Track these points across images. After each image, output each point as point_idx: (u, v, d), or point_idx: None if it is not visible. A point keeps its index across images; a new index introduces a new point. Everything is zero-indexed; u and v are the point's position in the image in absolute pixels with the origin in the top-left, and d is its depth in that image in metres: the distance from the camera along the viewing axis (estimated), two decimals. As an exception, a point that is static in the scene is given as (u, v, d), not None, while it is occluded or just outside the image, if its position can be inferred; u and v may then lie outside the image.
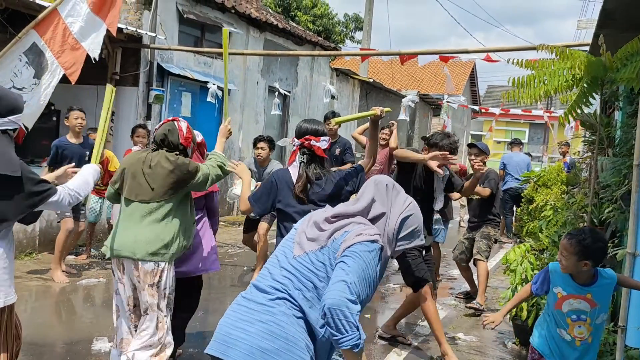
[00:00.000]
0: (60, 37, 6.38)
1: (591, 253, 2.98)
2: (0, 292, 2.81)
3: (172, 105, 9.43)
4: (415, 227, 2.30)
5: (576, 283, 3.11)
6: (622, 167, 4.33)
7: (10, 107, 2.81)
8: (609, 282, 3.12)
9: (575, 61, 3.54)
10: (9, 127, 2.81)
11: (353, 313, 1.99)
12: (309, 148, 3.48)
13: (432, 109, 26.47)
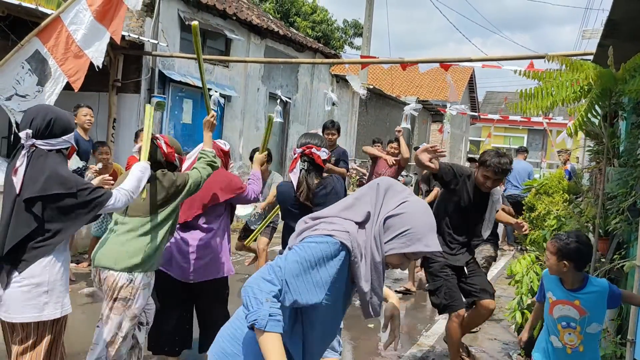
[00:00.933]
0: (63, 45, 6.37)
1: (569, 253, 3.05)
2: (58, 303, 2.90)
3: (173, 112, 9.41)
4: (404, 230, 1.95)
5: (565, 288, 3.16)
6: (629, 178, 4.32)
7: (63, 128, 2.93)
8: (599, 291, 3.11)
9: (587, 72, 3.53)
10: (63, 147, 2.94)
11: (263, 290, 1.83)
12: (309, 156, 3.57)
13: (431, 115, 26.51)
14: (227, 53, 10.74)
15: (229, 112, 10.71)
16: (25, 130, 2.83)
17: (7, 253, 2.80)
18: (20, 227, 2.79)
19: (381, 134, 19.76)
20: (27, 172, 2.80)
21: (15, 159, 2.86)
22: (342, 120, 15.92)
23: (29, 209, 2.78)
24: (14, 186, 2.81)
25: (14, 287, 2.81)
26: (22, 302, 2.81)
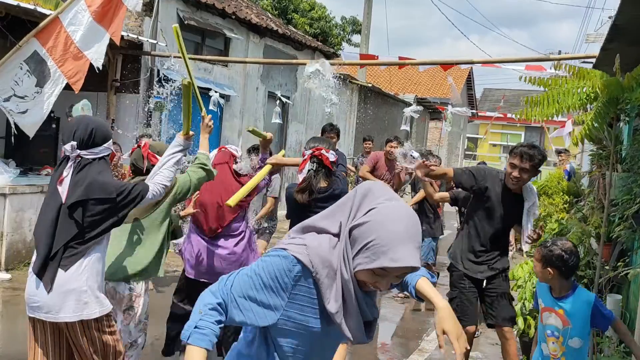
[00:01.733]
0: (62, 46, 6.31)
1: (552, 260, 3.05)
2: (97, 302, 3.00)
3: (172, 112, 9.35)
4: (368, 242, 1.62)
5: (552, 295, 3.16)
6: (634, 185, 4.30)
7: (104, 136, 3.04)
8: (584, 302, 3.08)
9: (594, 81, 3.50)
10: (105, 154, 3.06)
11: (203, 302, 1.72)
12: (318, 157, 3.73)
13: (429, 112, 26.47)
14: (226, 52, 10.68)
15: (228, 112, 10.66)
16: (70, 143, 2.94)
17: (53, 255, 2.93)
18: (65, 232, 2.92)
19: (379, 132, 19.72)
20: (72, 181, 2.94)
21: (61, 169, 2.98)
22: (340, 118, 15.89)
23: (72, 214, 2.92)
24: (60, 195, 2.94)
25: (57, 288, 2.92)
26: (65, 302, 2.92)
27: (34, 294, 2.95)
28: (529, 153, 3.84)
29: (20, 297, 5.93)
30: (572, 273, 3.11)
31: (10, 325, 5.17)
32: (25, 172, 7.82)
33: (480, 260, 4.19)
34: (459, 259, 4.25)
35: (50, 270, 2.93)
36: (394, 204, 1.67)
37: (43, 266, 2.94)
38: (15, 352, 4.55)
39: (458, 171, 4.20)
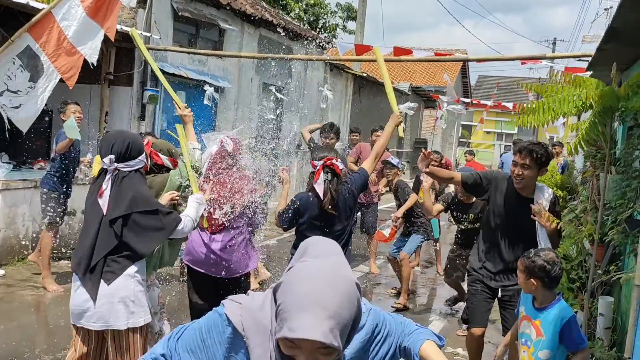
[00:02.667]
0: (54, 41, 6.25)
1: (534, 271, 3.06)
2: (140, 312, 3.16)
3: (166, 105, 9.31)
4: (278, 307, 1.34)
5: (533, 306, 3.18)
6: (627, 189, 4.31)
7: (139, 149, 3.19)
8: (559, 317, 3.06)
9: (588, 91, 3.50)
10: (140, 166, 3.21)
11: (150, 351, 1.65)
12: (330, 167, 3.97)
13: (424, 100, 26.45)
14: (220, 43, 10.61)
15: (222, 104, 10.61)
16: (108, 156, 3.08)
17: (93, 267, 3.07)
18: (106, 244, 3.07)
19: (374, 121, 19.69)
20: (112, 194, 3.07)
21: (99, 182, 3.12)
22: (335, 108, 15.86)
23: (114, 227, 3.06)
24: (100, 208, 3.07)
25: (107, 297, 3.07)
26: (115, 311, 3.08)
27: (83, 304, 3.09)
28: (529, 148, 3.72)
29: (15, 294, 5.93)
30: (556, 283, 3.13)
31: (6, 322, 5.16)
32: (18, 165, 7.77)
33: (496, 270, 4.06)
34: (475, 264, 4.21)
35: (94, 281, 3.07)
36: (315, 263, 1.36)
37: (88, 278, 3.09)
38: (11, 349, 4.55)
39: (465, 175, 4.14)
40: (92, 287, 3.06)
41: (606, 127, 4.34)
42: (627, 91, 3.56)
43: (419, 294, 7.39)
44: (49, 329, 5.31)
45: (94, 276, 3.07)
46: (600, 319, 4.60)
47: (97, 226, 3.08)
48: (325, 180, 3.95)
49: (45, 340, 4.97)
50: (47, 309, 5.76)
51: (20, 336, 4.90)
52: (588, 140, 3.68)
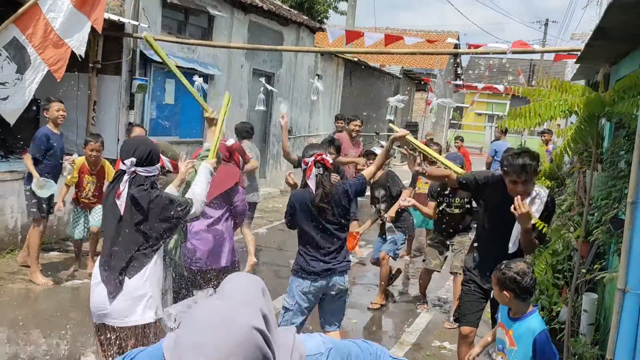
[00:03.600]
0: (41, 33, 6.20)
1: (506, 283, 3.10)
2: (154, 308, 3.28)
3: (155, 93, 9.25)
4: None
5: (508, 315, 3.22)
6: (612, 189, 4.36)
7: (157, 157, 3.39)
8: (530, 330, 3.08)
9: (574, 97, 3.53)
10: (155, 173, 3.37)
11: None
12: (321, 162, 4.09)
13: (415, 84, 26.40)
14: (209, 30, 10.52)
15: (212, 91, 10.55)
16: (130, 159, 3.22)
17: (115, 265, 3.20)
18: (126, 243, 3.21)
19: (365, 106, 19.66)
20: (128, 195, 3.21)
21: (118, 183, 3.25)
22: (325, 93, 15.80)
23: (135, 228, 3.21)
24: (118, 208, 3.22)
25: (125, 295, 3.19)
26: (133, 307, 3.20)
27: (101, 302, 3.21)
28: (520, 165, 3.69)
29: (4, 287, 5.93)
30: (528, 294, 3.14)
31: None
32: (6, 156, 7.73)
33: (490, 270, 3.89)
34: (469, 264, 4.28)
35: (115, 279, 3.20)
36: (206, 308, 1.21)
37: (108, 276, 3.22)
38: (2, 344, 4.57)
39: (461, 176, 4.18)
40: (114, 285, 3.19)
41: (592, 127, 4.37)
42: (613, 96, 3.58)
43: (408, 285, 7.46)
44: (39, 322, 5.31)
45: (115, 274, 3.20)
46: (584, 315, 4.68)
47: (116, 226, 3.23)
48: (317, 175, 4.07)
49: (37, 333, 4.99)
50: (37, 302, 5.77)
51: (11, 330, 4.92)
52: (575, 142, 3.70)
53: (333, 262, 4.14)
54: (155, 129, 9.34)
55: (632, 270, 3.50)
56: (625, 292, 3.51)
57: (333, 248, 4.15)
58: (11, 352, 4.57)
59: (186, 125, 10.06)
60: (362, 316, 6.19)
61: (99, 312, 3.26)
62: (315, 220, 4.10)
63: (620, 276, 3.52)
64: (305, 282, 4.13)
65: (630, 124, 3.58)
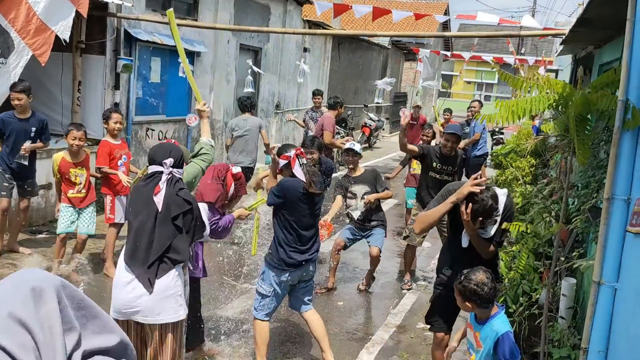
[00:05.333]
0: (23, 17, 6.14)
1: (466, 295, 3.13)
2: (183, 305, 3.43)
3: (141, 72, 9.18)
4: None
5: (475, 318, 3.28)
6: (591, 179, 4.45)
7: (184, 160, 3.61)
8: (493, 332, 3.12)
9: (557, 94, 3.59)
10: (181, 175, 3.55)
11: None
12: (301, 156, 4.36)
13: (404, 54, 26.27)
14: (195, 6, 10.38)
15: (199, 68, 10.47)
16: (169, 159, 3.42)
17: (152, 263, 3.28)
18: (165, 239, 3.31)
19: (354, 78, 19.59)
20: (167, 194, 3.36)
21: (155, 181, 3.40)
22: (314, 67, 15.72)
23: (172, 224, 3.33)
24: (155, 204, 3.34)
25: (158, 293, 3.28)
26: (165, 305, 3.30)
27: (134, 299, 3.27)
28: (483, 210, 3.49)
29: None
30: (490, 302, 3.15)
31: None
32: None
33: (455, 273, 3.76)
34: (442, 266, 4.11)
35: (149, 276, 3.27)
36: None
37: (140, 274, 3.28)
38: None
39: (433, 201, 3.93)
40: (149, 282, 3.27)
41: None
42: (592, 94, 3.63)
43: (392, 266, 7.56)
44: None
45: (150, 271, 3.27)
46: (562, 299, 4.81)
47: (153, 223, 3.32)
48: (304, 166, 4.28)
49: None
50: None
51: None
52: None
53: (310, 251, 4.35)
54: (141, 108, 9.30)
55: (607, 263, 3.61)
56: (600, 284, 3.63)
57: (311, 236, 4.37)
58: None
59: (173, 104, 10.02)
60: (348, 298, 6.31)
61: (127, 309, 3.30)
62: (303, 209, 4.25)
63: (596, 269, 3.62)
64: (284, 274, 4.29)
65: (608, 120, 3.64)
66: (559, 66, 13.92)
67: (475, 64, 40.35)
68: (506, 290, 5.06)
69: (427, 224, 3.79)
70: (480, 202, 3.43)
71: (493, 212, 3.48)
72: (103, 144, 6.11)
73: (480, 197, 3.44)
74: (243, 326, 5.22)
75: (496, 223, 3.61)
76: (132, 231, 3.38)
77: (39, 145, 6.40)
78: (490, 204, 3.44)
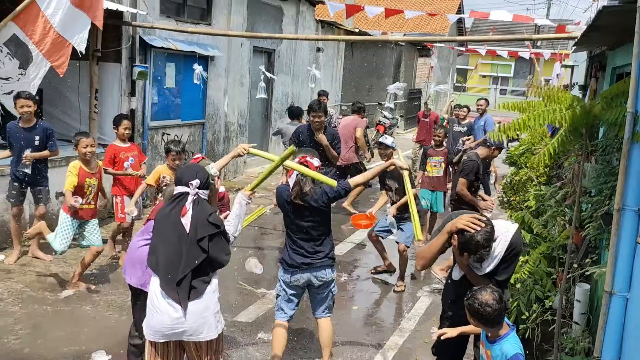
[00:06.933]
0: (41, 30, 6.29)
1: (473, 314, 3.11)
2: (221, 320, 3.55)
3: (156, 78, 9.29)
4: None
5: (486, 335, 3.24)
6: (604, 186, 4.45)
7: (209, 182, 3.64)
8: (502, 353, 3.09)
9: (561, 112, 3.60)
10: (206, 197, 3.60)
11: None
12: (304, 164, 4.34)
13: (418, 50, 26.18)
14: (208, 10, 10.47)
15: (213, 71, 10.57)
16: (195, 180, 3.49)
17: (180, 281, 3.37)
18: (194, 259, 3.40)
19: (367, 76, 19.60)
20: (194, 215, 3.43)
21: (181, 203, 3.47)
22: (327, 66, 15.77)
23: (200, 244, 3.41)
24: (183, 226, 3.42)
25: (199, 312, 3.40)
26: (206, 323, 3.43)
27: (174, 322, 3.37)
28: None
29: (13, 281, 6.12)
30: (495, 323, 3.10)
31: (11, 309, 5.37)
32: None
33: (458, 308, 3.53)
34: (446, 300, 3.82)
35: (183, 296, 3.37)
36: None
37: (177, 293, 3.37)
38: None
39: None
40: (184, 302, 3.37)
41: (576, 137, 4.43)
42: (602, 103, 3.65)
43: (409, 268, 7.57)
44: (54, 313, 5.50)
45: (182, 290, 3.37)
46: (576, 305, 4.83)
47: (180, 244, 3.41)
48: (298, 175, 4.31)
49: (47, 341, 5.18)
50: (46, 293, 5.94)
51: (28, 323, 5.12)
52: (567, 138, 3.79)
53: (313, 256, 4.39)
54: (157, 113, 9.42)
55: (618, 273, 3.63)
56: (611, 294, 3.65)
57: (310, 244, 4.39)
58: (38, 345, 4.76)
59: (188, 108, 10.13)
60: (364, 303, 6.37)
61: (170, 331, 3.40)
62: (290, 217, 4.40)
63: (607, 279, 3.65)
64: (286, 274, 4.45)
65: (619, 131, 3.64)
66: (575, 61, 13.80)
67: (490, 57, 40.04)
68: (519, 295, 5.08)
69: (428, 259, 3.50)
70: (467, 237, 3.19)
71: (480, 249, 3.18)
72: (109, 147, 6.60)
73: (470, 232, 3.18)
74: (258, 334, 5.30)
75: (494, 260, 3.31)
76: (161, 254, 3.44)
77: (44, 153, 6.53)
78: (477, 240, 3.15)
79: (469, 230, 3.17)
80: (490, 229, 3.20)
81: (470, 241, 3.17)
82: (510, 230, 3.36)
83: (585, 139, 4.43)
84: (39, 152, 6.44)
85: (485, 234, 3.18)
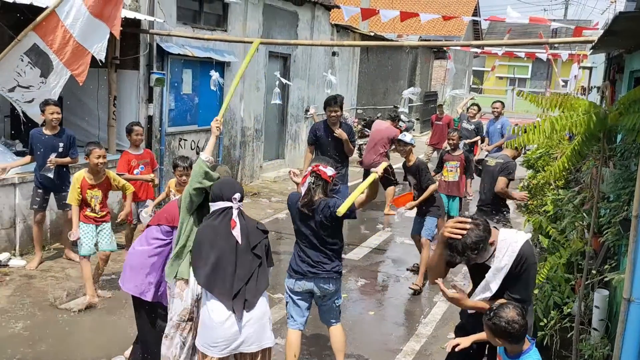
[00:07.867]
0: (60, 39, 6.39)
1: (497, 333, 3.05)
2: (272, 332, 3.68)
3: (173, 84, 9.38)
4: None
5: (505, 352, 3.20)
6: (622, 192, 4.42)
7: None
8: None
9: (577, 116, 3.59)
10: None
11: None
12: (317, 172, 4.31)
13: (433, 52, 26.11)
14: (224, 17, 10.56)
15: (229, 77, 10.62)
16: (237, 194, 3.66)
17: (237, 293, 3.48)
18: (247, 269, 3.54)
19: (383, 79, 19.59)
20: (242, 226, 3.60)
21: (228, 217, 3.61)
22: (342, 70, 15.79)
23: (254, 251, 3.60)
24: (234, 237, 3.56)
25: (258, 320, 3.53)
26: (260, 332, 3.55)
27: (235, 334, 3.47)
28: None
29: (34, 286, 6.21)
30: (521, 339, 3.08)
31: (29, 316, 5.45)
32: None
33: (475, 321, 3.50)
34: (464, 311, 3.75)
35: (239, 306, 3.48)
36: None
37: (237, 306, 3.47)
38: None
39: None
40: (241, 312, 3.47)
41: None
42: (620, 108, 3.63)
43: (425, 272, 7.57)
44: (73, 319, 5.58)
45: (238, 301, 3.48)
46: (595, 311, 4.79)
47: (234, 255, 3.54)
48: (309, 184, 4.30)
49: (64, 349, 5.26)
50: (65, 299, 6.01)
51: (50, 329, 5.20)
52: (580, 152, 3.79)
53: (317, 267, 4.35)
54: (174, 119, 9.52)
55: (636, 280, 3.60)
56: (630, 301, 3.62)
57: (316, 254, 4.33)
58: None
59: (204, 113, 10.21)
60: (379, 308, 6.37)
61: (230, 344, 3.49)
62: (298, 224, 4.39)
63: (626, 286, 3.63)
64: (290, 280, 4.46)
65: (637, 137, 3.62)
66: (593, 63, 13.69)
67: (507, 59, 39.80)
68: (537, 301, 5.05)
69: (435, 271, 3.38)
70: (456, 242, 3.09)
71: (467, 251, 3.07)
72: (124, 154, 6.85)
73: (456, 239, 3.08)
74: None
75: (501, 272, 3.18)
76: (213, 267, 3.51)
77: (66, 160, 6.70)
78: (464, 242, 3.05)
79: (455, 237, 3.07)
80: (482, 228, 3.08)
81: (457, 245, 3.07)
82: (519, 241, 3.18)
83: (603, 143, 4.41)
84: (62, 158, 6.61)
85: (476, 236, 3.06)
